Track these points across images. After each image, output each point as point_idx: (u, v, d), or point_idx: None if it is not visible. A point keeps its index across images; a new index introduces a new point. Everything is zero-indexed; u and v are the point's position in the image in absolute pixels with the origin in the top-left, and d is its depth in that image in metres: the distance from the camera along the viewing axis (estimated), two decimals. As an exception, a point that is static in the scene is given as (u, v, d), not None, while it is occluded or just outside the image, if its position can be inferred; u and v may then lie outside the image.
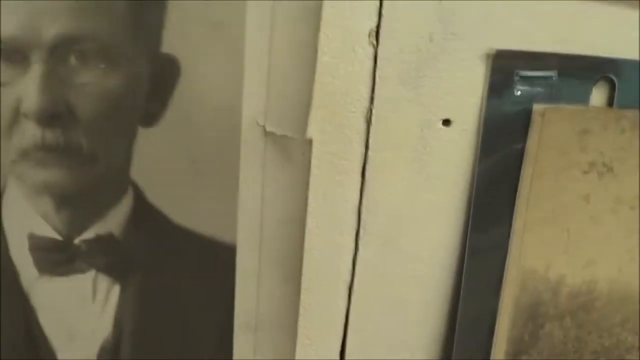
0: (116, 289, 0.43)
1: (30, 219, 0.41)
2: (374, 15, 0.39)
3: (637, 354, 0.49)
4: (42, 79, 0.38)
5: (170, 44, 0.38)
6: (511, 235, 0.44)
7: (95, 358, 0.45)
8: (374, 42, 0.39)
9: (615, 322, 0.48)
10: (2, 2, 0.37)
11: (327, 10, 0.38)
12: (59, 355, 0.45)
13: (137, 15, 0.38)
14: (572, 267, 0.46)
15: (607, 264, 0.46)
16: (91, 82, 0.38)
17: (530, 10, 0.40)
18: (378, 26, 0.39)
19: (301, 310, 0.45)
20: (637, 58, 0.42)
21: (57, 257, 0.42)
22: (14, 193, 0.40)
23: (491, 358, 0.47)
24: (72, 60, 0.38)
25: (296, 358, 0.46)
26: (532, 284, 0.46)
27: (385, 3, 0.38)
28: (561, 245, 0.45)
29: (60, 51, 0.38)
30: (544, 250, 0.45)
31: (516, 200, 0.44)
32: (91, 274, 0.43)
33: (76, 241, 0.42)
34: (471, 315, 0.46)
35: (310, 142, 0.40)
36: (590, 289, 0.47)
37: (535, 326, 0.47)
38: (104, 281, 0.43)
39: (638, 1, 0.40)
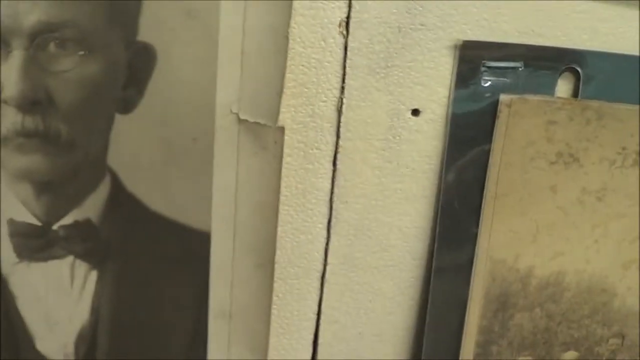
0: (93, 275, 0.43)
1: (10, 205, 0.42)
2: (344, 6, 0.40)
3: (605, 345, 0.49)
4: (22, 65, 0.39)
5: (147, 32, 0.39)
6: (480, 225, 0.45)
7: (72, 344, 0.45)
8: (344, 33, 0.40)
9: (584, 313, 0.48)
10: (-16, -9, 0.38)
11: (299, 0, 0.39)
12: (37, 342, 0.45)
13: (114, 3, 0.38)
14: (540, 258, 0.46)
15: (575, 255, 0.46)
16: (70, 69, 0.39)
17: (497, 2, 0.41)
18: (348, 17, 0.40)
19: (274, 299, 0.45)
20: (601, 50, 0.42)
21: (35, 243, 0.42)
22: (-7, 179, 0.41)
23: (462, 347, 0.47)
24: (52, 47, 0.39)
25: (269, 346, 0.45)
26: (501, 275, 0.46)
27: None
28: (530, 236, 0.45)
29: (40, 38, 0.38)
30: (513, 241, 0.45)
31: (484, 191, 0.44)
32: (69, 260, 0.43)
33: (55, 227, 0.42)
34: (441, 304, 0.46)
35: (282, 130, 0.41)
36: (559, 281, 0.47)
37: (505, 317, 0.47)
38: (81, 267, 0.43)
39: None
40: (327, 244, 0.44)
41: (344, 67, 0.41)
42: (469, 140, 0.43)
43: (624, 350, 0.49)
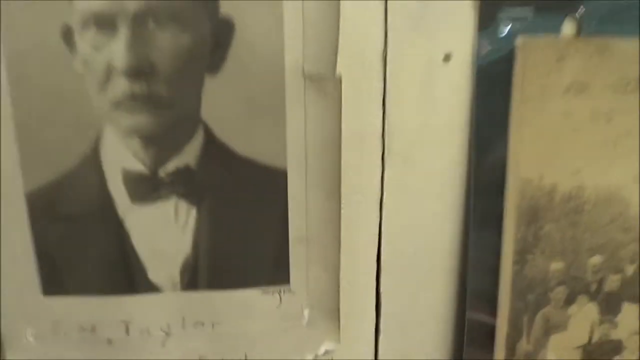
0: (193, 212, 0.52)
1: (123, 157, 0.51)
2: (383, -26, 0.48)
3: (625, 251, 0.57)
4: (128, 41, 0.48)
5: (226, 8, 0.48)
6: (508, 150, 0.53)
7: (178, 273, 0.54)
8: (385, -5, 0.49)
9: (605, 222, 0.55)
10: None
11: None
12: (149, 272, 0.54)
13: (200, -13, 0.47)
14: (561, 176, 0.54)
15: (591, 171, 0.54)
16: (167, 42, 0.48)
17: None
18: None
19: (342, 224, 0.53)
20: (598, -5, 0.50)
21: (145, 187, 0.52)
22: (109, 136, 0.50)
23: (502, 256, 0.54)
24: (151, 24, 0.47)
25: (341, 265, 0.54)
26: (529, 192, 0.54)
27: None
28: (551, 157, 0.53)
29: (141, 18, 0.47)
30: (537, 162, 0.53)
31: (509, 121, 0.52)
32: (173, 200, 0.52)
33: (160, 173, 0.51)
34: (482, 219, 0.54)
35: (339, 80, 0.50)
36: (580, 194, 0.54)
37: (536, 228, 0.55)
38: (183, 206, 0.52)
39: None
40: (382, 173, 0.53)
41: (386, 23, 0.49)
42: (492, 78, 0.51)
43: (643, 254, 0.57)
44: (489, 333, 0.57)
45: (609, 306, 0.58)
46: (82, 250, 0.53)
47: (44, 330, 0.55)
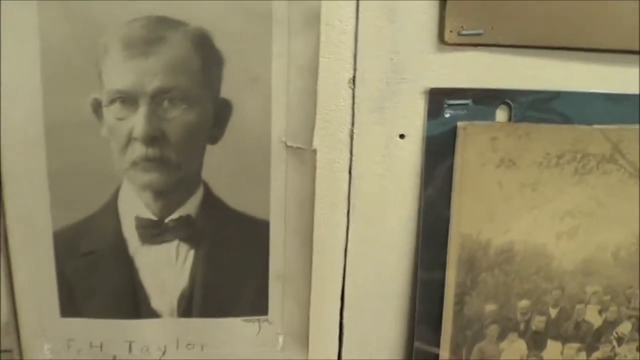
0: (191, 253, 0.69)
1: (136, 206, 0.67)
2: (351, 69, 0.66)
3: (550, 297, 0.74)
4: (146, 115, 0.64)
5: (226, 91, 0.65)
6: (451, 210, 0.70)
7: (176, 302, 0.71)
8: (352, 86, 0.66)
9: (532, 272, 0.73)
10: (120, 66, 0.64)
11: (322, 67, 0.65)
12: (152, 301, 0.70)
13: (205, 72, 0.64)
14: (495, 232, 0.71)
15: (520, 230, 0.71)
16: (177, 117, 0.65)
17: (452, 61, 0.66)
18: (354, 76, 0.66)
19: (314, 267, 0.70)
20: (526, 88, 0.68)
21: (153, 232, 0.68)
22: (126, 189, 0.67)
23: (445, 297, 0.72)
24: (165, 103, 0.64)
25: (311, 299, 0.71)
26: (468, 245, 0.71)
27: (358, 60, 0.65)
28: (486, 218, 0.70)
29: (157, 97, 0.64)
30: (475, 221, 0.70)
31: (452, 186, 0.69)
32: (175, 243, 0.69)
33: (166, 220, 0.68)
34: (428, 266, 0.71)
35: (315, 151, 0.67)
36: (510, 248, 0.72)
37: (474, 275, 0.72)
38: (184, 248, 0.69)
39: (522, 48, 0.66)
40: (347, 227, 0.70)
41: (353, 109, 0.67)
42: (439, 154, 0.69)
43: (564, 299, 0.74)
44: (435, 361, 0.74)
45: (536, 343, 0.75)
46: (97, 280, 0.69)
47: (59, 347, 0.71)
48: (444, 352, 0.73)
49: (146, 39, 0.63)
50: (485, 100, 0.68)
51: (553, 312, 0.74)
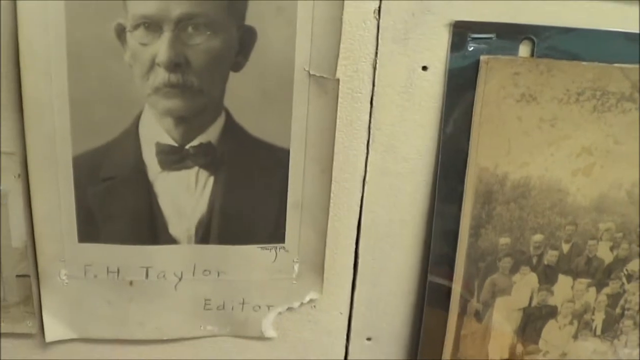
0: (211, 180, 0.79)
1: (157, 132, 0.76)
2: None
3: (563, 231, 0.85)
4: (170, 41, 0.73)
5: (251, 19, 0.73)
6: (470, 143, 0.80)
7: (194, 228, 0.81)
8: (377, 17, 0.75)
9: (547, 206, 0.83)
10: (146, -6, 0.72)
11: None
12: (170, 227, 0.81)
13: (230, 0, 0.73)
14: (512, 166, 0.81)
15: (537, 164, 0.81)
16: (201, 43, 0.73)
17: (477, -5, 0.76)
18: (379, 6, 0.75)
19: (332, 195, 0.81)
20: (549, 24, 0.77)
21: (173, 158, 0.78)
22: (147, 115, 0.76)
23: (460, 229, 0.82)
24: (190, 29, 0.73)
25: (328, 228, 0.82)
26: (485, 178, 0.81)
27: (384, -8, 0.74)
28: (504, 151, 0.80)
29: (182, 23, 0.72)
30: (493, 154, 0.81)
31: (472, 120, 0.79)
32: (195, 169, 0.78)
33: (187, 147, 0.77)
34: (445, 198, 0.82)
35: (338, 80, 0.76)
36: (526, 183, 0.82)
37: (490, 208, 0.82)
38: (203, 174, 0.79)
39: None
40: (366, 157, 0.80)
41: (377, 39, 0.76)
42: (460, 86, 0.78)
43: (577, 235, 0.85)
44: (446, 294, 0.85)
45: (547, 277, 0.86)
46: (116, 206, 0.79)
47: (76, 272, 0.81)
48: (457, 284, 0.84)
49: (173, -36, 0.71)
50: (508, 34, 0.77)
51: (565, 247, 0.85)
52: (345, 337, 0.88)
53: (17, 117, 0.74)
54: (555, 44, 0.78)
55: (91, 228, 0.80)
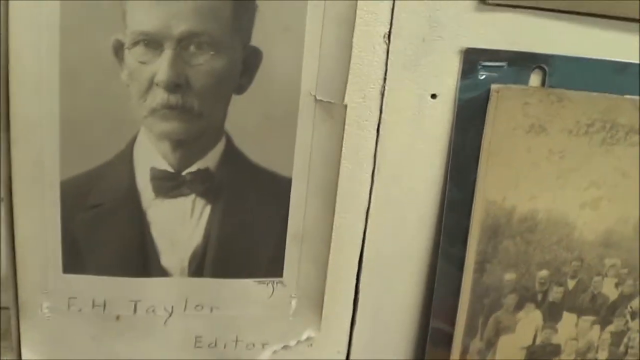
0: (208, 209, 0.73)
1: (153, 157, 0.70)
2: (387, 23, 0.70)
3: (569, 266, 0.80)
4: (170, 60, 0.67)
5: (257, 39, 0.68)
6: (478, 175, 0.75)
7: (187, 260, 0.74)
8: (387, 42, 0.70)
9: (553, 241, 0.79)
10: (147, 6, 0.66)
11: (358, 20, 0.69)
12: (162, 258, 0.74)
13: (236, 18, 0.68)
14: (520, 200, 0.77)
15: (545, 198, 0.77)
16: (203, 63, 0.68)
17: (490, 21, 0.71)
18: (389, 31, 0.70)
19: (334, 228, 0.75)
20: (561, 53, 0.73)
21: (169, 185, 0.71)
22: (143, 138, 0.70)
23: (465, 263, 0.77)
24: (192, 48, 0.67)
25: (329, 262, 0.76)
26: (492, 211, 0.76)
27: (395, 15, 0.70)
28: (512, 184, 0.76)
29: (184, 42, 0.67)
30: (501, 187, 0.76)
31: (480, 152, 0.75)
32: (191, 197, 0.72)
33: (183, 173, 0.71)
34: (451, 231, 0.77)
35: (345, 106, 0.71)
36: (534, 216, 0.77)
37: (496, 242, 0.78)
38: (200, 203, 0.72)
39: (563, 12, 0.72)
40: (371, 187, 0.74)
41: (386, 65, 0.71)
42: (470, 115, 0.74)
43: (583, 270, 0.80)
44: (449, 334, 0.79)
45: (552, 314, 0.81)
46: (105, 235, 0.72)
47: (59, 305, 0.74)
48: (461, 321, 0.79)
49: (176, -21, 0.66)
50: (520, 63, 0.73)
51: (571, 284, 0.80)
52: (342, 377, 0.82)
53: (3, 136, 0.67)
54: (567, 73, 0.74)
55: (77, 258, 0.73)
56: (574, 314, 0.81)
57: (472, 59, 0.72)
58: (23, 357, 0.75)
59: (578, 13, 0.72)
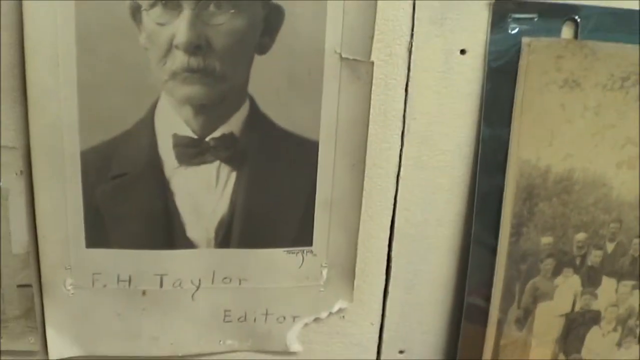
0: (233, 176, 0.69)
1: (175, 123, 0.67)
2: (413, -25, 0.67)
3: (607, 229, 0.76)
4: (190, 20, 0.64)
5: (278, -4, 0.65)
6: (511, 134, 0.72)
7: (214, 231, 0.71)
8: (413, -3, 0.67)
9: (590, 202, 0.75)
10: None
11: (382, -27, 0.66)
12: (187, 229, 0.71)
13: (257, -23, 0.65)
14: (555, 159, 0.73)
15: (581, 156, 0.73)
16: (223, 23, 0.65)
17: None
18: (415, -18, 0.67)
19: (364, 194, 0.71)
20: (593, 4, 0.70)
21: (192, 151, 0.68)
22: (164, 104, 0.67)
23: (500, 227, 0.73)
24: (211, 7, 0.64)
25: (360, 230, 0.72)
26: (527, 172, 0.73)
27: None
28: (546, 142, 0.72)
29: (203, 1, 0.64)
30: (535, 146, 0.72)
31: (513, 108, 0.71)
32: (216, 164, 0.69)
33: (207, 139, 0.68)
34: (485, 195, 0.73)
35: (372, 64, 0.68)
36: (570, 176, 0.74)
37: (531, 204, 0.74)
38: (225, 170, 0.69)
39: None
40: (401, 149, 0.71)
41: (413, 20, 0.68)
42: (501, 71, 0.70)
43: (622, 233, 0.76)
44: (485, 309, 0.76)
45: (591, 279, 0.77)
46: (128, 206, 0.69)
47: (83, 281, 0.71)
48: (497, 288, 0.75)
49: None
50: (551, 14, 0.69)
51: (610, 247, 0.76)
52: (376, 350, 0.77)
53: (20, 107, 0.65)
54: (600, 25, 0.70)
55: (100, 231, 0.70)
56: (613, 278, 0.78)
57: (502, 11, 0.68)
58: (48, 337, 0.71)
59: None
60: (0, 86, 0.64)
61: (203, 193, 0.70)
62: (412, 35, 0.68)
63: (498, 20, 0.69)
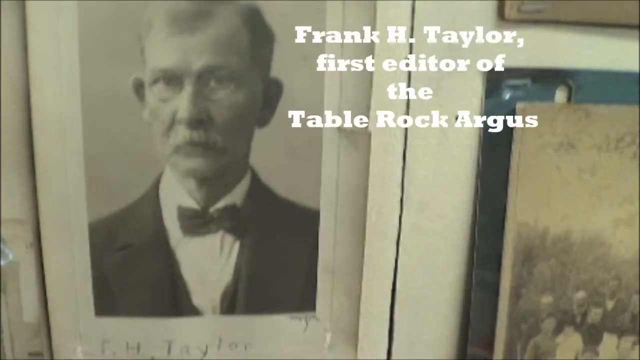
0: (237, 245, 0.63)
1: (179, 195, 0.61)
2: (407, 45, 0.61)
3: (607, 286, 0.69)
4: (191, 96, 0.59)
5: (276, 70, 0.60)
6: (508, 197, 0.65)
7: (219, 299, 0.65)
8: (408, 64, 0.61)
9: (589, 261, 0.68)
10: (165, 43, 0.58)
11: (377, 46, 0.60)
12: (193, 298, 0.64)
13: (255, 51, 0.59)
14: (552, 220, 0.66)
15: (578, 217, 0.66)
16: (224, 98, 0.59)
17: (512, 42, 0.62)
18: (410, 52, 0.61)
19: (365, 259, 0.65)
20: (585, 67, 0.63)
21: (196, 222, 0.62)
22: (168, 176, 0.61)
23: (500, 289, 0.66)
24: (212, 83, 0.59)
25: (362, 294, 0.65)
26: (525, 233, 0.66)
27: (414, 36, 0.60)
28: (544, 204, 0.66)
29: (204, 77, 0.59)
30: (532, 208, 0.65)
31: (509, 172, 0.65)
32: (220, 234, 0.63)
33: (210, 210, 0.62)
34: (483, 258, 0.66)
35: (370, 134, 0.62)
36: (567, 236, 0.67)
37: (530, 266, 0.67)
38: (228, 239, 0.63)
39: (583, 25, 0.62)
40: (400, 215, 0.64)
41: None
42: (496, 136, 0.64)
43: (621, 290, 0.69)
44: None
45: (592, 337, 0.70)
46: (135, 276, 0.63)
47: (93, 348, 0.65)
48: (499, 348, 0.68)
49: (193, 13, 0.58)
50: (544, 79, 0.63)
51: (610, 304, 0.69)
52: (381, 412, 0.70)
53: (29, 181, 0.59)
54: (593, 87, 0.64)
55: (108, 300, 0.64)
56: (614, 335, 0.70)
57: (496, 78, 0.62)
58: (59, 405, 0.65)
59: (597, 24, 0.62)
60: (9, 159, 0.59)
61: (208, 262, 0.64)
62: (407, 105, 0.62)
63: (493, 87, 0.63)
